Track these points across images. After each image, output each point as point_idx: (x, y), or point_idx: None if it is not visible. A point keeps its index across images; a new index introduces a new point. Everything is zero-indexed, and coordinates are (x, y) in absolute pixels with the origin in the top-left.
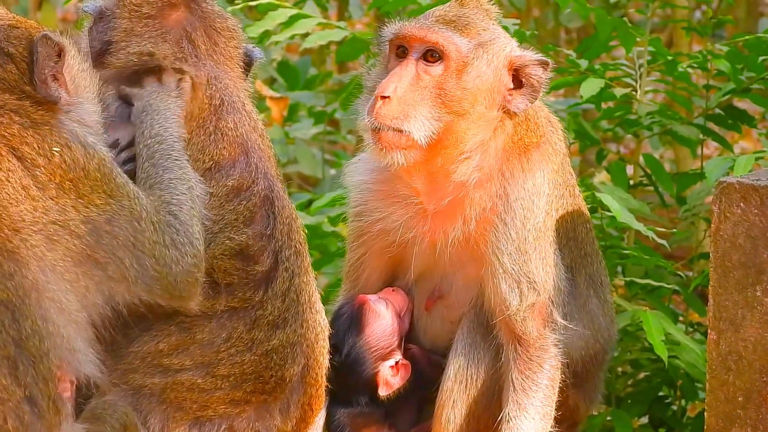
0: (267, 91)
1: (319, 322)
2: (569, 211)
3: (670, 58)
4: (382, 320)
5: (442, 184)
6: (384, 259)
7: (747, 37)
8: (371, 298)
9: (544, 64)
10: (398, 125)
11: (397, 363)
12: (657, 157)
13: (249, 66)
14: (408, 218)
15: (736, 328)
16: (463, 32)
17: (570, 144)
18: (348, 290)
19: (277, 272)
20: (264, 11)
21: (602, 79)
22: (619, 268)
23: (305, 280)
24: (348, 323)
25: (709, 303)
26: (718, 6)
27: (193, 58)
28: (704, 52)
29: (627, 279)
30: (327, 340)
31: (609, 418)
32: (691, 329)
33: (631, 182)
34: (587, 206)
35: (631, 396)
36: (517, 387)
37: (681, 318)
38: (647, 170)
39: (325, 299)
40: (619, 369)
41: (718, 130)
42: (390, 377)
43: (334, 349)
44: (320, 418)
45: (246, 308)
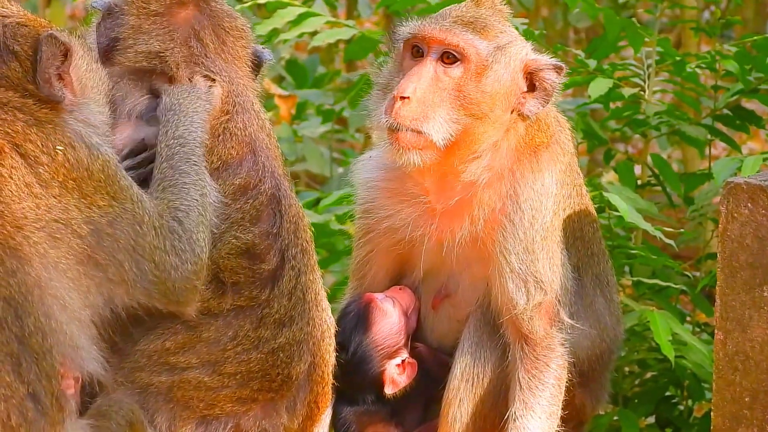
0: (275, 89)
1: (326, 320)
2: (576, 210)
3: (678, 58)
4: (389, 319)
5: (451, 183)
6: (391, 257)
7: (755, 37)
8: (378, 296)
9: (558, 69)
10: (417, 126)
11: (403, 361)
12: (665, 157)
13: (258, 67)
14: (416, 216)
15: (743, 328)
16: (482, 35)
17: (578, 144)
18: (355, 288)
19: (283, 271)
20: (273, 9)
21: (611, 79)
22: (627, 268)
23: (311, 278)
24: (355, 321)
25: (716, 303)
26: (727, 6)
27: (202, 57)
28: (712, 53)
29: (634, 279)
30: (333, 338)
31: (616, 417)
32: (698, 329)
33: (639, 182)
34: (595, 206)
35: (637, 396)
36: (523, 386)
37: (688, 318)
38: (655, 170)
39: (331, 297)
40: (626, 369)
41: (726, 130)
42: (396, 375)
43: (341, 347)
44: (326, 416)
45: (252, 307)
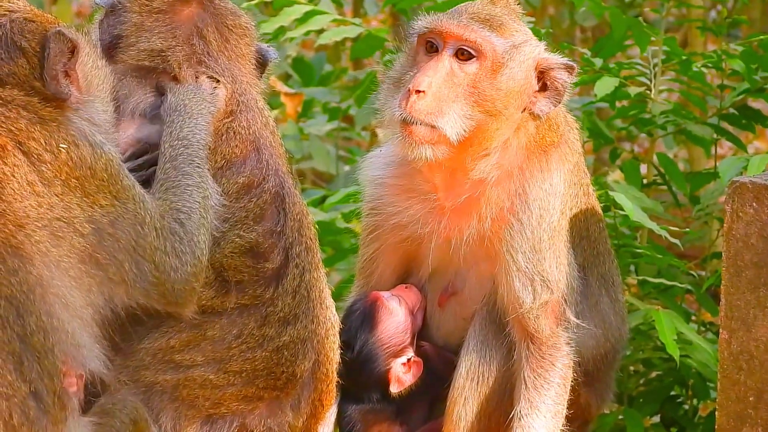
0: (282, 87)
1: (330, 318)
2: (583, 210)
3: (684, 57)
4: (395, 317)
5: (460, 180)
6: (398, 254)
7: (762, 37)
8: (384, 294)
9: (569, 69)
10: (432, 121)
11: (409, 360)
12: (671, 156)
13: (263, 65)
14: (424, 213)
15: (747, 327)
16: (499, 32)
17: (584, 143)
18: (361, 286)
19: (287, 269)
20: (279, 7)
21: (617, 78)
22: (632, 267)
23: (316, 276)
24: (361, 320)
25: (721, 302)
26: (733, 6)
27: (204, 55)
28: (719, 52)
29: (640, 278)
30: (337, 336)
31: (621, 417)
32: (703, 329)
33: (645, 181)
34: (600, 205)
35: (642, 395)
36: (529, 385)
37: (693, 317)
38: (661, 169)
39: (337, 296)
40: (631, 368)
41: (732, 129)
42: (402, 374)
43: (346, 346)
44: (331, 414)
45: (257, 305)
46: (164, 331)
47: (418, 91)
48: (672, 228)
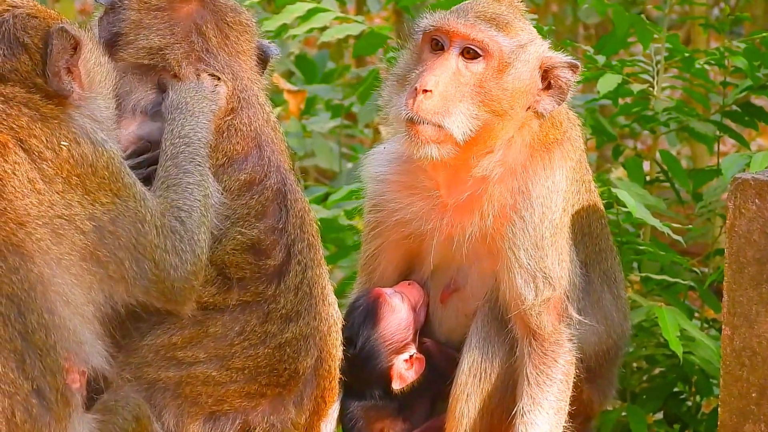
0: (284, 84)
1: (332, 315)
2: (585, 207)
3: (687, 54)
4: (397, 314)
5: (463, 178)
6: (400, 251)
7: (764, 34)
8: (387, 291)
9: (573, 67)
10: (439, 120)
11: (411, 357)
12: (673, 153)
13: (264, 61)
14: (426, 210)
15: (750, 324)
16: (505, 31)
17: (587, 140)
18: (363, 283)
19: (289, 266)
20: (282, 5)
21: (619, 75)
22: (635, 264)
23: (318, 273)
24: (363, 316)
25: (723, 299)
26: (736, 3)
27: (204, 52)
28: (721, 49)
29: (643, 275)
30: (340, 333)
31: (624, 413)
32: (706, 325)
33: (648, 178)
34: (603, 202)
35: (645, 392)
36: (531, 381)
37: (696, 314)
38: (664, 166)
39: (340, 293)
40: (634, 365)
41: (735, 126)
42: (404, 371)
43: (349, 342)
44: (334, 411)
45: (259, 302)
46: (166, 327)
47: (425, 91)
48: (675, 225)
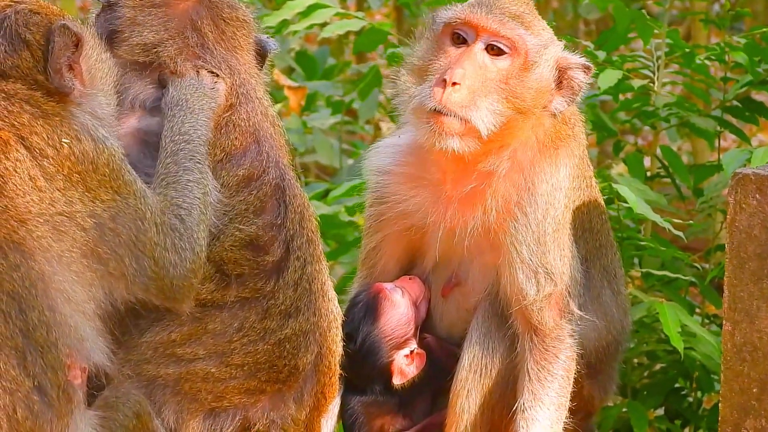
0: (285, 81)
1: (332, 310)
2: (586, 203)
3: (687, 50)
4: (398, 309)
5: (468, 171)
6: (402, 244)
7: (765, 29)
8: (387, 286)
9: (587, 69)
10: (465, 114)
11: (412, 352)
12: (674, 148)
13: (263, 57)
14: (429, 203)
15: (751, 319)
16: (530, 30)
17: (587, 135)
18: (364, 277)
19: (288, 261)
20: (282, 1)
21: (620, 70)
22: (636, 260)
23: (317, 269)
24: (364, 312)
25: (724, 294)
26: None
27: (199, 48)
28: (722, 45)
29: (643, 270)
30: (340, 328)
31: (625, 409)
32: (707, 321)
33: (648, 174)
34: (604, 197)
35: (646, 387)
36: (532, 377)
37: (697, 310)
38: (664, 162)
39: (341, 289)
40: (635, 360)
41: (736, 122)
42: (405, 366)
43: (349, 338)
44: (334, 406)
45: (257, 298)
46: (165, 324)
47: (454, 83)
48: (675, 220)
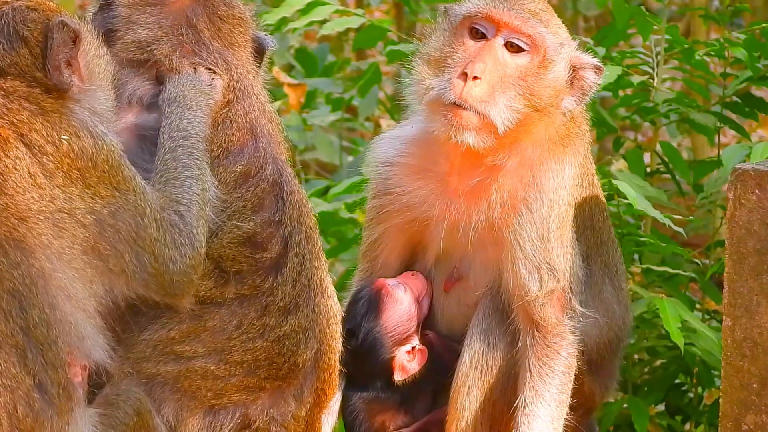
0: (284, 78)
1: (331, 307)
2: (588, 199)
3: (687, 46)
4: (400, 306)
5: (477, 165)
6: (404, 237)
7: (764, 25)
8: (390, 282)
9: (598, 69)
10: (485, 109)
11: (413, 348)
12: (674, 144)
13: (261, 54)
14: (434, 195)
15: (751, 314)
16: (549, 28)
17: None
18: (365, 270)
19: (286, 258)
20: None
21: (620, 66)
22: (636, 256)
23: (316, 265)
24: (366, 308)
25: (724, 289)
26: None
27: (194, 44)
28: (721, 40)
29: (644, 266)
30: (339, 325)
31: (625, 405)
32: (707, 317)
33: (648, 170)
34: (604, 194)
35: (647, 383)
36: (533, 373)
37: (698, 305)
38: (664, 158)
39: (340, 286)
40: (636, 356)
41: (736, 117)
42: (406, 362)
43: (351, 334)
44: (335, 402)
45: (256, 295)
46: (164, 322)
47: (475, 77)
48: (676, 216)
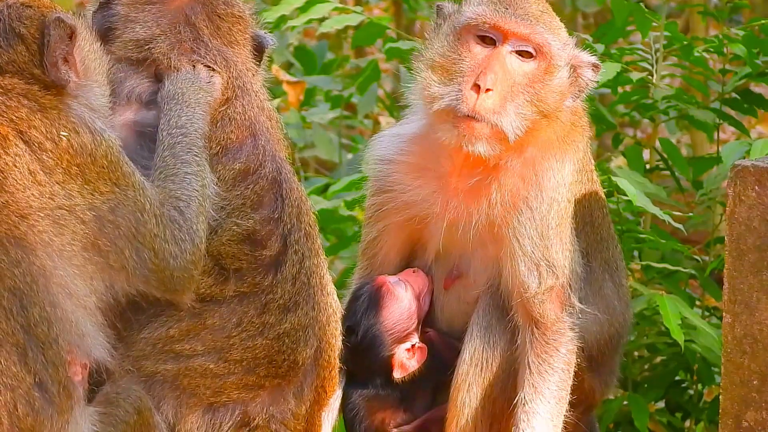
0: (284, 76)
1: (331, 304)
2: (587, 196)
3: (686, 42)
4: (401, 303)
5: (478, 164)
6: (403, 234)
7: (763, 21)
8: (391, 279)
9: (595, 67)
10: (497, 120)
11: (413, 346)
12: (673, 141)
13: (261, 52)
14: (434, 194)
15: (751, 311)
16: (554, 33)
17: None
18: (364, 268)
19: (286, 256)
20: None
21: (619, 63)
22: (636, 253)
23: (316, 263)
24: (366, 305)
25: (724, 286)
26: None
27: (192, 42)
28: (720, 37)
29: (643, 263)
30: (339, 322)
31: (625, 402)
32: (707, 313)
33: (648, 166)
34: (603, 190)
35: (647, 380)
36: (533, 370)
37: (697, 302)
38: (664, 154)
39: (340, 284)
40: (636, 353)
41: (735, 114)
42: (406, 360)
43: (351, 331)
44: (335, 400)
45: (256, 293)
46: (164, 320)
47: (488, 89)
48: (675, 213)
